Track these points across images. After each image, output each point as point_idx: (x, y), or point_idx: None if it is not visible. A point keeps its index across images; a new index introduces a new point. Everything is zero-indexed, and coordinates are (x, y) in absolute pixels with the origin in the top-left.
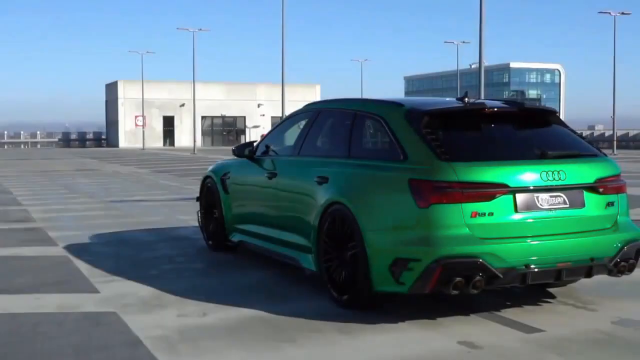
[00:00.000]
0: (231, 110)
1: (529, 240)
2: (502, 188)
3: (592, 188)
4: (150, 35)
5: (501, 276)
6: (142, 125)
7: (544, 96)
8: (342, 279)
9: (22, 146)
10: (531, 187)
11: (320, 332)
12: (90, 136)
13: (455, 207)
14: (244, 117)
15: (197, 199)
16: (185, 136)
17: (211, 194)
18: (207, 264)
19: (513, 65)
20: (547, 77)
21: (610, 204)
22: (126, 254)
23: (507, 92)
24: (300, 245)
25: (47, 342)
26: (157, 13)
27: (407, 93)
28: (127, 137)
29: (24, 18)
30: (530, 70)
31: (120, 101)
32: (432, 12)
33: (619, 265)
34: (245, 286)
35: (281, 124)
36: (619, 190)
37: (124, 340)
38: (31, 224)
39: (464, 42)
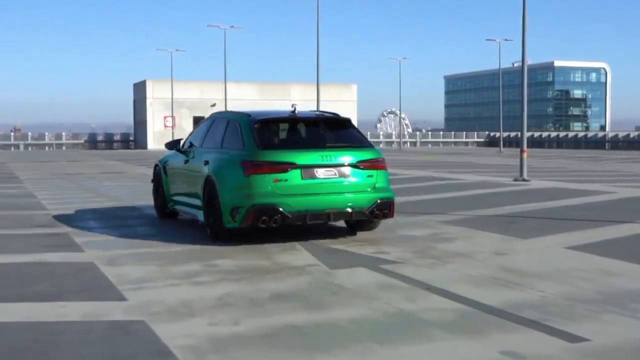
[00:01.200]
0: None
1: (308, 196)
2: (292, 165)
3: (355, 166)
4: (180, 32)
5: (290, 216)
6: (172, 126)
7: (589, 96)
8: (211, 223)
9: (46, 148)
10: (312, 165)
11: (357, 342)
12: (117, 137)
13: (264, 176)
14: None
15: (152, 181)
16: None
17: (158, 177)
18: (240, 271)
19: (557, 63)
20: (593, 76)
21: (369, 176)
22: (155, 261)
23: (551, 92)
24: (198, 206)
25: (72, 351)
26: (187, 10)
27: (447, 92)
28: (156, 138)
29: (46, 16)
30: (575, 69)
31: (148, 101)
32: (473, 9)
33: (374, 213)
34: (280, 294)
35: (199, 126)
36: (377, 167)
37: (153, 350)
38: (56, 228)
39: (506, 40)
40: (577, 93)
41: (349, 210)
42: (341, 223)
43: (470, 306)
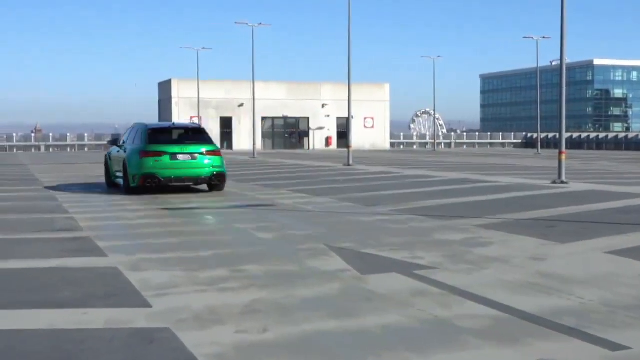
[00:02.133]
0: (293, 111)
1: (174, 169)
2: (164, 152)
3: (201, 153)
4: (207, 30)
5: (163, 180)
6: None
7: (630, 95)
8: (125, 185)
9: (68, 149)
10: (176, 152)
11: (390, 350)
12: None
13: (149, 158)
14: (308, 118)
15: (104, 164)
16: (244, 138)
17: (107, 162)
18: (269, 277)
19: (597, 62)
20: (634, 75)
21: (210, 159)
22: (180, 266)
23: (590, 91)
24: (121, 177)
25: None
26: (214, 7)
27: (483, 92)
28: None
29: (66, 15)
30: (615, 67)
31: (174, 101)
32: (510, 6)
33: (212, 179)
34: (309, 300)
35: (129, 130)
36: (215, 154)
37: (178, 358)
38: (78, 233)
39: (544, 37)
40: (618, 92)
41: (197, 177)
42: (204, 187)
43: (506, 313)
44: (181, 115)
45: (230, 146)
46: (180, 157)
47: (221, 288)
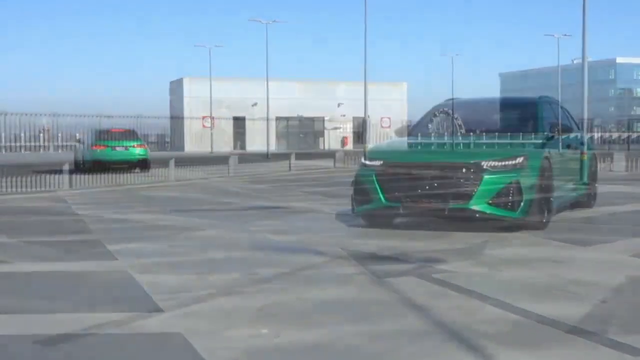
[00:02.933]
0: (308, 110)
1: (112, 157)
2: (107, 145)
3: (132, 146)
4: (219, 27)
5: (106, 163)
6: (210, 127)
7: None
8: (82, 167)
9: None
10: (115, 145)
11: (407, 356)
12: (152, 139)
13: (97, 149)
14: (323, 118)
15: (74, 156)
16: (258, 139)
17: (75, 154)
18: (282, 280)
19: (620, 60)
20: None
21: (139, 151)
22: (192, 269)
23: (613, 90)
24: (82, 163)
25: None
26: (226, 3)
27: (502, 91)
28: (194, 139)
29: (71, 12)
30: (638, 66)
31: (185, 100)
32: (530, 3)
33: (139, 163)
34: (325, 304)
35: (89, 132)
36: (142, 147)
37: None
38: (87, 235)
39: (565, 35)
40: None
41: (129, 162)
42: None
43: (526, 317)
44: (193, 114)
45: (243, 146)
46: (117, 148)
47: (234, 291)
